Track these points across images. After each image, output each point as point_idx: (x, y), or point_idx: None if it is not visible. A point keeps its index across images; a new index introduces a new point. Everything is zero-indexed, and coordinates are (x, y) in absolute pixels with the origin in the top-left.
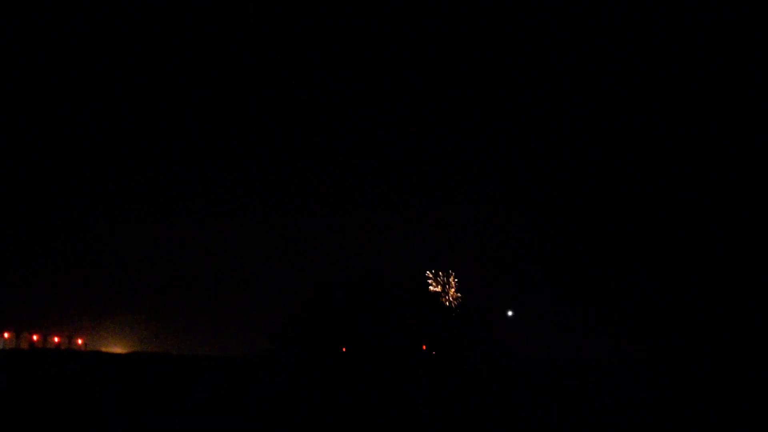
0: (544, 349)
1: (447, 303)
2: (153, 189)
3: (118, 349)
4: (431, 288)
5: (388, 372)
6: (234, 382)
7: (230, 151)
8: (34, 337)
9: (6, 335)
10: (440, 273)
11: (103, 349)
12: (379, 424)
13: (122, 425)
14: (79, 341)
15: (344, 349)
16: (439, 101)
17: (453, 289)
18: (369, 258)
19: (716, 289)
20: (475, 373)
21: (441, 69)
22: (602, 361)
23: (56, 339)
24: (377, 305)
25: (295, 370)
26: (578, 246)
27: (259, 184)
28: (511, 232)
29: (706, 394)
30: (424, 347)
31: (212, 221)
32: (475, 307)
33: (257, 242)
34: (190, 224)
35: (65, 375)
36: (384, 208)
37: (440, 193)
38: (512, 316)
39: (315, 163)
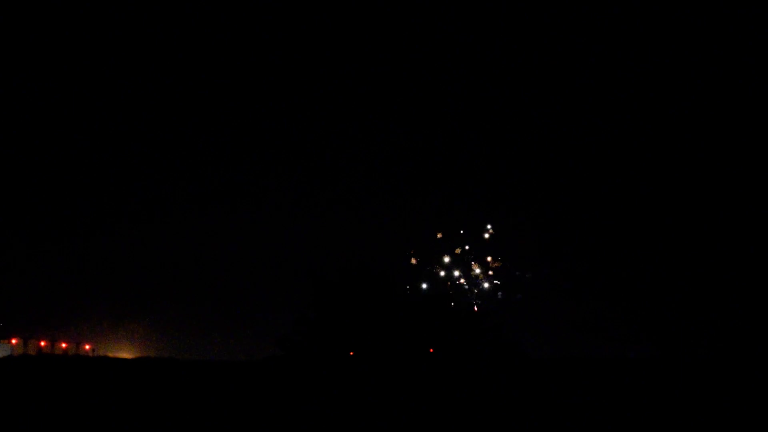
0: (551, 346)
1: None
2: (157, 200)
3: (125, 355)
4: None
5: (393, 370)
6: (242, 385)
7: (233, 156)
8: (42, 344)
9: (14, 341)
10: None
11: (111, 355)
12: (381, 424)
13: (127, 428)
14: (87, 347)
15: (351, 353)
16: (442, 97)
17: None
18: (375, 255)
19: (723, 288)
20: (482, 371)
21: (442, 66)
22: (609, 360)
23: (64, 345)
24: (383, 303)
25: (303, 373)
26: (587, 242)
27: (262, 185)
28: (518, 228)
29: (709, 394)
30: (431, 350)
31: (217, 226)
32: (482, 303)
33: (263, 244)
34: (195, 230)
35: (72, 380)
36: (390, 206)
37: (446, 188)
38: (520, 313)
39: (318, 160)
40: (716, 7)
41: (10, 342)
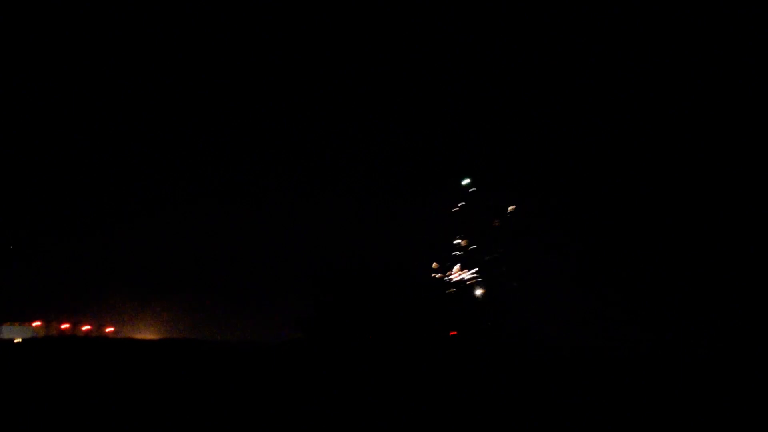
0: (557, 335)
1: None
2: (178, 189)
3: (148, 336)
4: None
5: (407, 357)
6: (263, 367)
7: (253, 144)
8: (64, 326)
9: (36, 324)
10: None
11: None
12: (381, 424)
13: (150, 408)
14: (108, 330)
15: (370, 337)
16: (442, 97)
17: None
18: (375, 255)
19: (723, 288)
20: (494, 358)
21: (442, 66)
22: (609, 360)
23: (86, 328)
24: (399, 292)
25: (322, 357)
26: (586, 242)
27: (281, 171)
28: (526, 219)
29: (709, 394)
30: (452, 333)
31: (239, 211)
32: (494, 290)
33: (284, 231)
34: (215, 214)
35: (96, 361)
36: (390, 206)
37: (446, 188)
38: (527, 301)
39: (318, 160)
40: (716, 7)
41: (32, 325)
